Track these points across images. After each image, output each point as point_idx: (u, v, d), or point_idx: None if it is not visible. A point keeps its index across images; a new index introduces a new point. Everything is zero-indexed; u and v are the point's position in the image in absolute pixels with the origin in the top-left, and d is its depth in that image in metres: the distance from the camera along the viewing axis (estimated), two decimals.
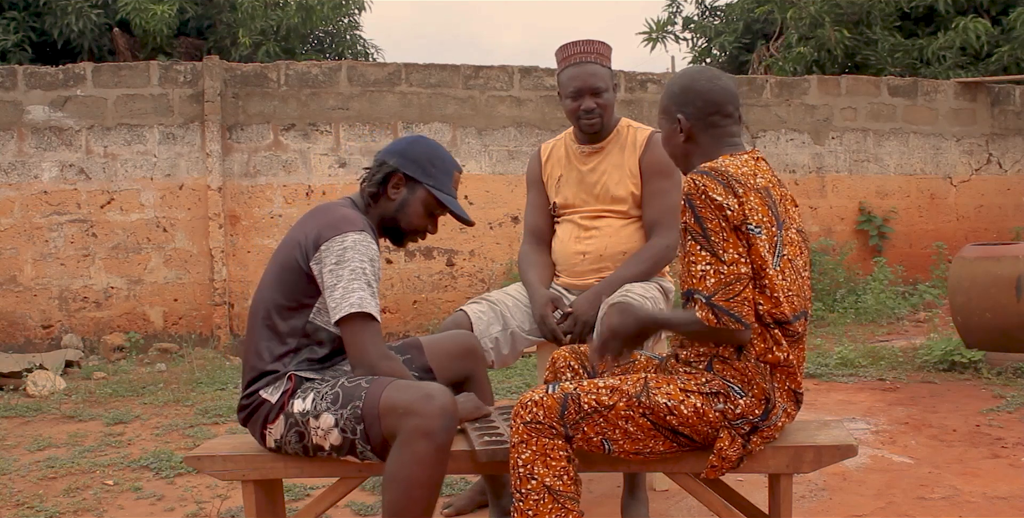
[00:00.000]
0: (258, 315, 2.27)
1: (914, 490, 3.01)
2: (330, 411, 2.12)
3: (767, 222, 2.00)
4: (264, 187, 7.00)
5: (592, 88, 2.98)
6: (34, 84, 6.68)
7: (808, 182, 8.31)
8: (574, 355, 2.40)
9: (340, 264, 2.16)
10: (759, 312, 2.00)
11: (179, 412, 4.61)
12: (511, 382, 5.06)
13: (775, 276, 1.99)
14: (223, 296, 6.82)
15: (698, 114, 2.13)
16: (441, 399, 2.04)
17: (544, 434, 1.98)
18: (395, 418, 2.04)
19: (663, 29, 12.71)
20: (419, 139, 2.42)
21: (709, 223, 1.96)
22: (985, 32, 9.53)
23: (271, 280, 2.28)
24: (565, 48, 3.05)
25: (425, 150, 2.38)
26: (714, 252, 1.96)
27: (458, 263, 7.34)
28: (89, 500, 3.19)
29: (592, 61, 2.99)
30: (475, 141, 7.37)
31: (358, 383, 2.14)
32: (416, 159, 2.35)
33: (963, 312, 4.87)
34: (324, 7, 10.03)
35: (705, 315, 1.96)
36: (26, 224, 6.66)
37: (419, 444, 2.01)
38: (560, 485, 1.97)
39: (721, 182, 1.98)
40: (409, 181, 2.35)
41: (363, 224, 2.24)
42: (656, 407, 1.99)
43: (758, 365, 2.02)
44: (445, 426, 2.03)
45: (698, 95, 2.13)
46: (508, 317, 2.95)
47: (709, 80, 2.16)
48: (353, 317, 2.14)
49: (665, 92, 2.21)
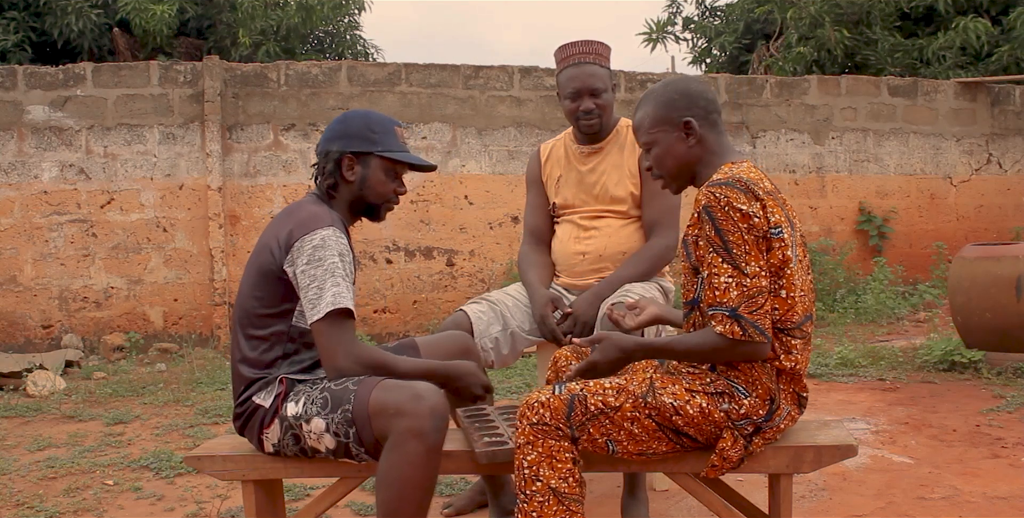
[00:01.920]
0: (240, 323, 2.26)
1: (914, 490, 3.01)
2: (320, 415, 2.10)
3: (785, 223, 2.01)
4: (264, 187, 7.00)
5: (591, 89, 2.97)
6: (34, 84, 6.68)
7: (808, 182, 8.31)
8: (576, 355, 2.40)
9: (311, 263, 2.14)
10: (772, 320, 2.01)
11: (179, 412, 4.61)
12: (511, 382, 5.06)
13: (792, 276, 2.00)
14: (223, 296, 6.82)
15: (704, 114, 2.13)
16: (431, 399, 2.03)
17: (551, 436, 1.98)
18: (385, 419, 2.03)
19: (663, 30, 12.71)
20: (346, 115, 2.37)
21: (731, 236, 1.95)
22: (985, 32, 9.53)
23: (249, 287, 2.26)
24: (564, 48, 3.04)
25: (359, 121, 2.34)
26: (736, 265, 1.95)
27: (458, 263, 7.34)
28: (89, 500, 3.19)
29: (591, 62, 2.99)
30: (475, 141, 7.37)
31: (345, 385, 2.12)
32: (355, 134, 2.31)
33: (963, 312, 4.87)
34: (324, 7, 10.02)
35: (729, 328, 1.95)
36: (26, 224, 6.66)
37: (410, 445, 2.00)
38: (565, 487, 1.96)
39: (742, 190, 1.97)
40: (360, 157, 2.31)
41: (331, 219, 2.22)
42: (662, 407, 1.99)
43: (764, 365, 2.02)
44: (436, 426, 2.01)
45: (699, 95, 2.13)
46: (508, 317, 2.95)
47: (699, 82, 2.19)
48: (325, 318, 2.12)
49: (656, 103, 2.14)
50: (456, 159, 7.33)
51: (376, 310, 7.17)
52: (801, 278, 2.04)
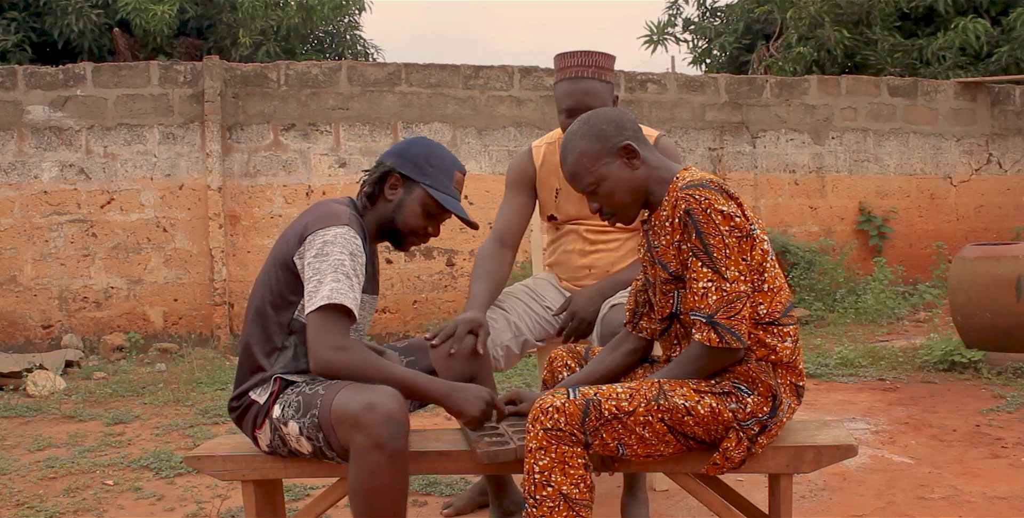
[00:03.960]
0: (250, 312, 2.26)
1: (914, 490, 3.01)
2: (295, 419, 2.10)
3: (756, 219, 2.04)
4: (264, 187, 7.00)
5: (587, 107, 2.77)
6: (34, 84, 6.68)
7: (808, 182, 8.31)
8: (572, 355, 2.40)
9: (319, 257, 2.13)
10: (759, 315, 2.02)
11: (179, 412, 4.61)
12: (511, 382, 5.06)
13: (770, 267, 2.03)
14: (223, 296, 6.82)
15: (635, 135, 2.10)
16: (384, 407, 1.98)
17: (564, 442, 1.95)
18: (345, 429, 2.01)
19: (663, 32, 12.72)
20: (419, 139, 2.37)
21: (712, 239, 1.95)
22: (985, 32, 9.54)
23: (263, 277, 2.27)
24: (563, 58, 2.88)
25: (424, 149, 2.33)
26: (716, 269, 1.95)
27: (458, 263, 7.34)
28: (89, 500, 3.19)
29: (590, 76, 2.83)
30: (475, 141, 7.37)
31: (316, 390, 2.11)
32: (413, 158, 2.31)
33: (963, 312, 4.87)
34: (324, 7, 10.03)
35: (706, 335, 1.96)
36: (26, 224, 6.66)
37: (370, 456, 1.97)
38: (576, 493, 1.95)
39: (717, 190, 1.98)
40: (406, 181, 2.30)
41: (349, 219, 2.20)
42: (675, 408, 1.98)
43: (760, 364, 2.03)
44: (392, 434, 1.97)
45: (622, 118, 2.11)
46: (520, 325, 2.89)
47: (610, 109, 2.15)
48: (318, 310, 2.10)
49: (586, 140, 2.08)
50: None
51: (376, 310, 7.16)
52: (776, 269, 2.07)
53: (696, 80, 8.10)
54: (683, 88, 7.97)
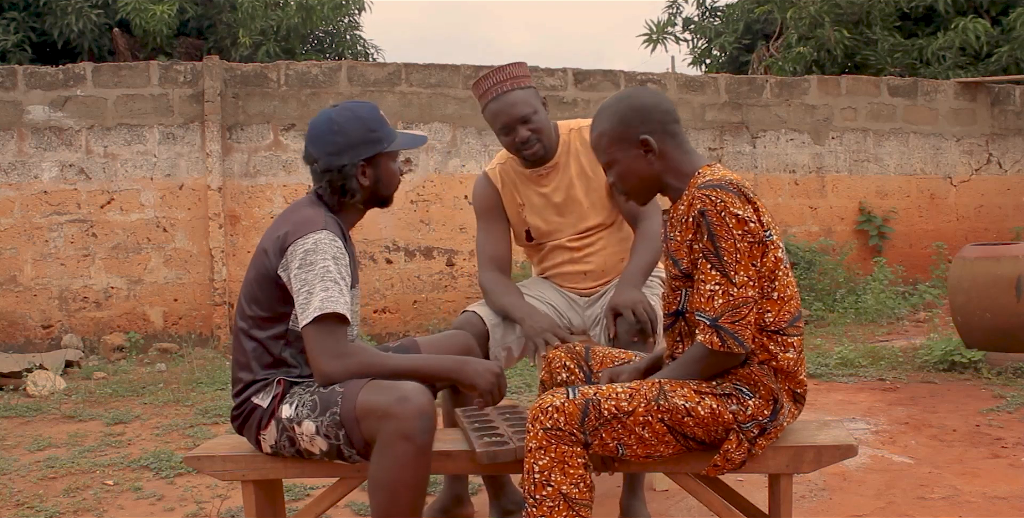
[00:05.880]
0: (241, 324, 2.25)
1: (914, 490, 3.01)
2: (310, 418, 2.10)
3: (772, 224, 2.02)
4: (264, 187, 7.00)
5: (519, 117, 2.80)
6: (34, 84, 6.68)
7: (808, 182, 8.31)
8: (570, 355, 2.40)
9: (303, 268, 2.13)
10: (765, 322, 2.01)
11: (179, 412, 4.61)
12: (510, 382, 5.06)
13: (782, 276, 2.01)
14: (223, 296, 6.82)
15: (661, 128, 2.07)
16: (417, 400, 2.01)
17: (564, 441, 1.96)
18: (373, 421, 2.02)
19: (663, 31, 12.72)
20: (337, 123, 2.25)
21: (723, 242, 1.94)
22: (985, 32, 9.54)
23: (248, 291, 2.26)
24: (479, 84, 2.88)
25: (356, 126, 2.26)
26: (725, 273, 1.95)
27: (458, 263, 7.34)
28: (89, 500, 3.19)
29: (508, 89, 2.82)
30: (475, 141, 7.37)
31: (333, 388, 2.12)
32: (359, 141, 2.25)
33: (963, 312, 4.87)
34: (324, 7, 10.03)
35: (709, 338, 1.96)
36: (26, 224, 6.66)
37: (399, 447, 1.99)
38: (576, 493, 1.95)
39: (735, 193, 1.96)
40: (370, 160, 2.28)
41: (325, 222, 2.19)
42: (675, 409, 1.98)
43: (762, 367, 2.03)
44: (423, 427, 2.00)
45: (653, 108, 2.08)
46: None
47: (652, 94, 2.12)
48: (312, 323, 2.11)
49: (610, 121, 2.08)
50: (456, 159, 7.33)
51: (376, 310, 7.17)
52: (789, 276, 2.06)
53: (696, 80, 8.11)
54: (683, 88, 7.97)
